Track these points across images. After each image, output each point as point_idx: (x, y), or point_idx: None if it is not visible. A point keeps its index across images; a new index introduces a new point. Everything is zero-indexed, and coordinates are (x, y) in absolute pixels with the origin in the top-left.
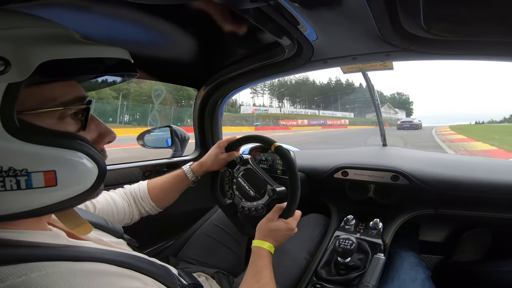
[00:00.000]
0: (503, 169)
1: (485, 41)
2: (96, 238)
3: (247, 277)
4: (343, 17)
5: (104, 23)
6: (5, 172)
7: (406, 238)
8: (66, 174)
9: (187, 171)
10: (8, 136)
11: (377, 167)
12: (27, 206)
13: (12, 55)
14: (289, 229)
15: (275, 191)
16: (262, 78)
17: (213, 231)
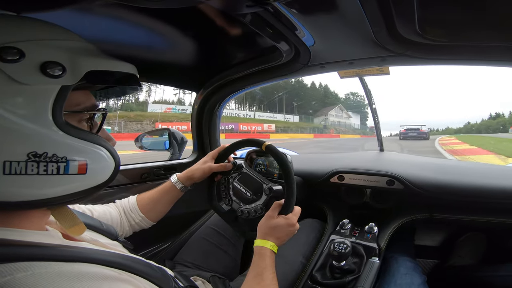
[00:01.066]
0: (498, 174)
1: (480, 46)
2: (91, 239)
3: (248, 278)
4: (340, 22)
5: (105, 27)
6: (49, 157)
7: (402, 243)
8: (93, 165)
9: (174, 180)
10: (56, 128)
11: (372, 172)
12: (62, 191)
13: (68, 63)
14: (290, 224)
15: (271, 189)
16: (260, 82)
17: (209, 234)
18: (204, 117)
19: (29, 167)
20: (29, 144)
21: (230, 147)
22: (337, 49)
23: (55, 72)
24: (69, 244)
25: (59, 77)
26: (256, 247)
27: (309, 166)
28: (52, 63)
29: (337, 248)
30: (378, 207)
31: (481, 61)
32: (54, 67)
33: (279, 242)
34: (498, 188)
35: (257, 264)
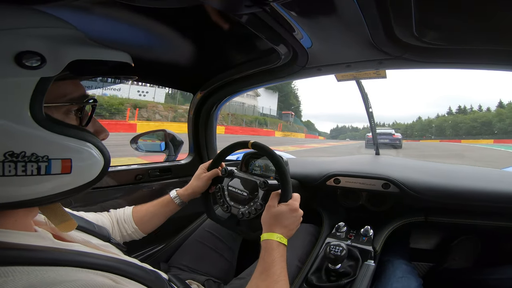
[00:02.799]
0: (493, 177)
1: (477, 50)
2: (84, 240)
3: (255, 275)
4: (338, 24)
5: (105, 25)
6: (28, 157)
7: (398, 246)
8: (79, 163)
9: (173, 196)
10: (35, 125)
11: (368, 175)
12: (43, 192)
13: (47, 52)
14: (293, 210)
15: (266, 182)
16: (257, 84)
17: (205, 237)
18: (200, 119)
19: (6, 168)
20: (4, 143)
21: (219, 155)
22: (335, 51)
23: (32, 63)
24: (61, 245)
25: (38, 68)
26: (262, 242)
27: (305, 169)
28: (29, 53)
29: (333, 251)
30: (374, 210)
31: (478, 65)
32: (32, 57)
33: (287, 231)
34: (492, 191)
35: (264, 259)
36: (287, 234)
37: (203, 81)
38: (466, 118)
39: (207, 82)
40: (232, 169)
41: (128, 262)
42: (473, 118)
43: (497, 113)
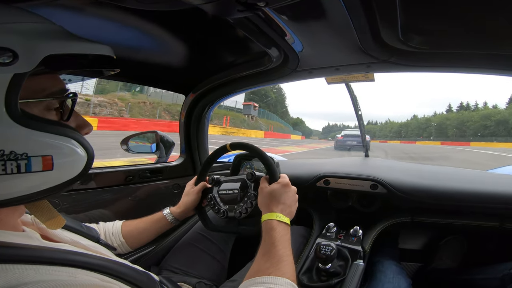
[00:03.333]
0: (478, 179)
1: (462, 54)
2: (72, 241)
3: (257, 257)
4: (327, 29)
5: (96, 26)
6: (7, 156)
7: (388, 247)
8: (61, 159)
9: (165, 212)
10: (11, 122)
11: (356, 176)
12: (25, 190)
13: (20, 48)
14: (285, 185)
15: (253, 173)
16: (249, 86)
17: (197, 239)
18: (192, 120)
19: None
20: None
21: (203, 168)
22: (325, 55)
23: (4, 60)
24: (49, 245)
25: (10, 65)
26: (263, 224)
27: (296, 170)
28: (1, 48)
29: (323, 251)
30: (363, 211)
31: (462, 69)
32: (3, 53)
33: (285, 208)
34: (477, 192)
35: (265, 241)
36: (287, 212)
37: (195, 83)
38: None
39: (200, 84)
40: (218, 177)
41: (118, 262)
42: (485, 115)
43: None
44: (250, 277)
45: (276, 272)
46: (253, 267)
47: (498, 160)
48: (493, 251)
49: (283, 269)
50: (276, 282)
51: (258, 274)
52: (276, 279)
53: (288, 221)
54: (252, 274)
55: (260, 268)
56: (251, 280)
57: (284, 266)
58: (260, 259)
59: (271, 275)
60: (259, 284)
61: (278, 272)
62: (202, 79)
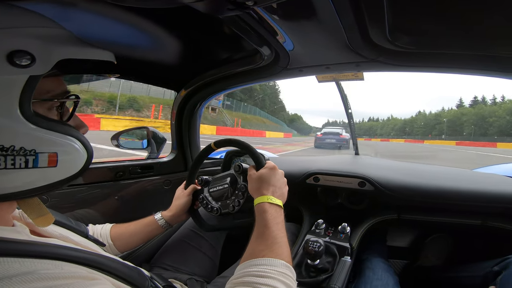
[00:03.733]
0: (463, 178)
1: (448, 54)
2: (62, 236)
3: (251, 241)
4: (317, 28)
5: (89, 23)
6: (17, 151)
7: (376, 244)
8: (64, 157)
9: (157, 217)
10: (23, 120)
11: (345, 174)
12: (29, 184)
13: (37, 51)
14: (271, 168)
15: (240, 165)
16: (241, 83)
17: (188, 236)
18: (184, 117)
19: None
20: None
21: (190, 171)
22: (315, 54)
23: (23, 62)
24: (37, 240)
25: (28, 67)
26: (255, 208)
27: (286, 167)
28: (20, 52)
29: (311, 247)
30: (352, 208)
31: (449, 69)
32: (22, 56)
33: (276, 189)
34: (461, 191)
35: (258, 223)
36: (278, 194)
37: (187, 79)
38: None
39: (191, 81)
40: (206, 177)
41: (108, 257)
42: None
43: None
44: (244, 260)
45: (270, 254)
46: (247, 250)
47: None
48: (477, 249)
49: (277, 250)
50: (270, 264)
51: (252, 256)
52: (270, 261)
53: (280, 203)
54: (246, 257)
55: (254, 250)
56: (245, 263)
57: (278, 247)
58: (254, 242)
59: (265, 257)
60: (253, 266)
61: (272, 254)
62: (193, 76)
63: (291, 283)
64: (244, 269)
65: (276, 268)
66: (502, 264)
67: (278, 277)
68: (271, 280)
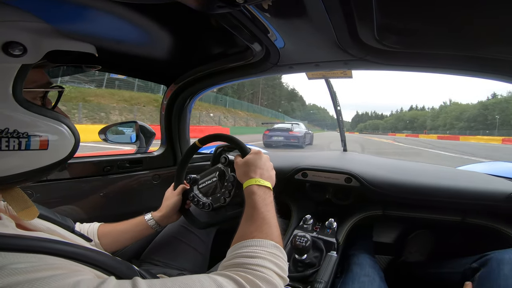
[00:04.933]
0: (445, 175)
1: (433, 54)
2: (48, 229)
3: (241, 223)
4: (307, 27)
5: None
6: (10, 133)
7: (363, 240)
8: (54, 141)
9: (147, 218)
10: (16, 105)
11: (332, 169)
12: (21, 167)
13: (28, 43)
14: (257, 152)
15: (226, 157)
16: (231, 79)
17: (178, 231)
18: (174, 112)
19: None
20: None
21: (178, 171)
22: (305, 51)
23: (16, 52)
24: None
25: (20, 56)
26: (244, 191)
27: (275, 163)
28: (13, 43)
29: (298, 242)
30: (339, 204)
31: (435, 69)
32: (16, 47)
33: (264, 173)
34: (442, 187)
35: (247, 206)
36: (266, 176)
37: (176, 74)
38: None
39: (181, 76)
40: (194, 176)
41: (96, 250)
42: None
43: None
44: (235, 242)
45: (260, 235)
46: (238, 233)
47: None
48: (458, 245)
49: (267, 230)
50: (259, 245)
51: (242, 238)
52: (259, 242)
53: (269, 185)
54: (237, 239)
55: (244, 232)
56: (235, 245)
57: (268, 228)
58: (244, 224)
59: (254, 238)
60: (243, 247)
61: (262, 235)
62: (184, 71)
63: (281, 263)
64: (234, 251)
65: (266, 249)
66: (481, 261)
67: (268, 257)
68: (261, 260)
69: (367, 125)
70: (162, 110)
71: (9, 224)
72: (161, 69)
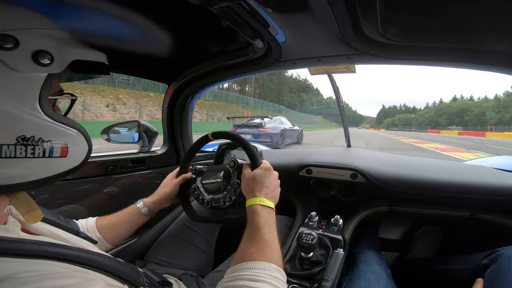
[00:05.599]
0: (454, 170)
1: (438, 48)
2: (51, 233)
3: (243, 242)
4: (309, 21)
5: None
6: (36, 141)
7: (369, 237)
8: (72, 148)
9: (139, 205)
10: (42, 114)
11: (337, 166)
12: (44, 173)
13: (55, 52)
14: (266, 168)
15: (235, 161)
16: (233, 75)
17: (182, 231)
18: (176, 110)
19: (18, 150)
20: (18, 128)
21: (185, 159)
22: (307, 46)
23: (44, 61)
24: (27, 238)
25: (48, 66)
26: (247, 209)
27: (279, 160)
28: (42, 52)
29: (304, 239)
30: (344, 200)
31: (438, 62)
32: (44, 56)
33: (269, 191)
34: (450, 182)
35: (250, 225)
36: (271, 195)
37: (178, 72)
38: None
39: (182, 74)
40: (200, 167)
41: (101, 254)
42: None
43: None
44: (236, 263)
45: (261, 257)
46: (239, 253)
47: None
48: (466, 241)
49: (269, 253)
50: (261, 267)
51: (243, 259)
52: (261, 264)
53: (272, 205)
54: (238, 260)
55: (246, 253)
56: (237, 266)
57: (270, 250)
58: (245, 245)
59: (256, 260)
60: (245, 269)
61: (264, 257)
62: (184, 69)
63: (282, 287)
64: (235, 272)
65: (268, 272)
66: (491, 257)
67: (271, 281)
68: (263, 284)
69: (396, 120)
70: (163, 109)
71: (13, 228)
72: (161, 67)
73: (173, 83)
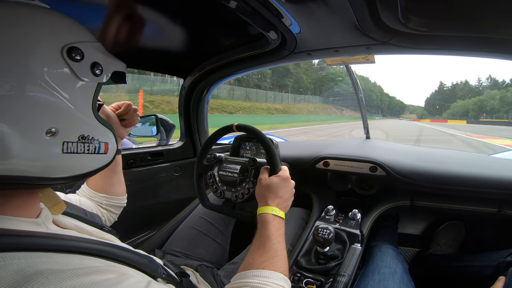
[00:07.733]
0: (479, 163)
1: (461, 37)
2: (77, 227)
3: (252, 249)
4: (324, 10)
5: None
6: (90, 140)
7: (386, 231)
8: (110, 146)
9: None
10: (93, 116)
11: (356, 158)
12: (94, 166)
13: (104, 64)
14: (284, 178)
15: (255, 160)
16: (248, 68)
17: (198, 223)
18: (192, 103)
19: (79, 147)
20: (80, 128)
21: (206, 143)
22: (323, 37)
23: (97, 72)
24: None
25: (99, 76)
26: (258, 217)
27: (295, 152)
28: (97, 63)
29: (321, 234)
30: (363, 194)
31: (462, 51)
32: (98, 67)
33: (282, 202)
34: (476, 177)
35: (260, 233)
36: (283, 206)
37: (193, 66)
38: None
39: (197, 67)
40: (220, 155)
41: (121, 247)
42: None
43: None
44: (244, 269)
45: (270, 266)
46: (247, 259)
47: None
48: (490, 238)
49: (277, 263)
50: (270, 276)
51: (252, 267)
52: (270, 273)
53: (283, 215)
54: (246, 266)
55: (255, 261)
56: (245, 272)
57: (278, 260)
58: (255, 252)
59: (265, 269)
60: (253, 277)
61: (272, 266)
62: (199, 63)
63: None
64: (244, 279)
65: (275, 281)
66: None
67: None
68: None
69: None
70: (180, 103)
71: (43, 222)
72: (176, 61)
73: (188, 77)
